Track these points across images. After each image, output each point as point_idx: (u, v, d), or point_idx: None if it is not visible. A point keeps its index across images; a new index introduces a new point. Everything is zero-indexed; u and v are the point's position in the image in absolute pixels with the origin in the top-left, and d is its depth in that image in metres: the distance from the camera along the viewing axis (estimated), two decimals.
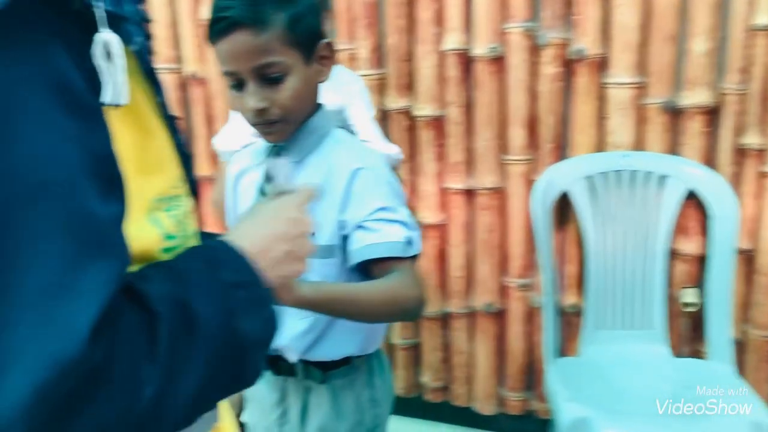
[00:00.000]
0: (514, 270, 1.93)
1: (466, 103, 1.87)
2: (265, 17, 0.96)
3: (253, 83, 0.98)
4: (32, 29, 0.45)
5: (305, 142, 1.07)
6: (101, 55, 0.49)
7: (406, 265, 1.02)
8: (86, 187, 0.46)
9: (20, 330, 0.43)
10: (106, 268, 0.47)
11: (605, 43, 1.71)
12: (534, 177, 1.84)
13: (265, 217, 0.69)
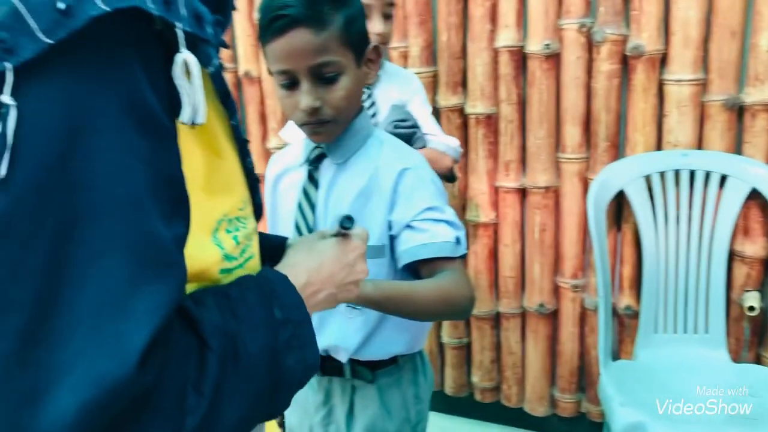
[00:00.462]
0: (567, 270, 1.90)
1: (520, 100, 1.84)
2: (324, 16, 0.96)
3: (307, 82, 0.99)
4: (111, 47, 0.45)
5: (349, 144, 1.07)
6: (181, 75, 0.49)
7: (456, 264, 1.03)
8: (151, 208, 0.46)
9: (71, 346, 0.42)
10: (163, 290, 0.46)
11: (665, 38, 1.66)
12: (589, 176, 1.80)
13: (326, 257, 0.71)
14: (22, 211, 0.42)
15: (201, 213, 0.53)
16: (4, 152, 0.41)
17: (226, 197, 0.58)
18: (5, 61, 0.40)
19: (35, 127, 0.42)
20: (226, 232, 0.57)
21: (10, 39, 0.40)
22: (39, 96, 0.42)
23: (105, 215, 0.44)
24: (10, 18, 0.41)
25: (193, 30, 0.49)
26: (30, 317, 0.42)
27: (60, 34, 0.41)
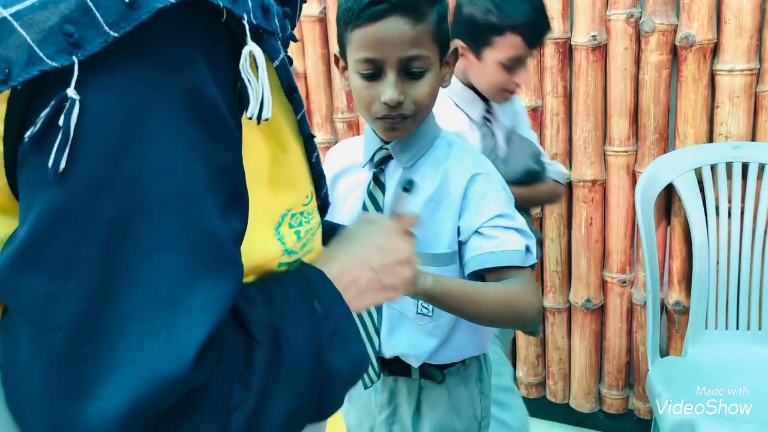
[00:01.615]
0: (614, 265, 1.87)
1: (566, 93, 1.82)
2: (421, 8, 0.93)
3: (393, 74, 0.95)
4: (175, 40, 0.44)
5: (417, 146, 1.04)
6: (248, 69, 0.48)
7: (525, 273, 0.99)
8: (209, 203, 0.45)
9: (123, 342, 0.42)
10: (220, 287, 0.45)
11: (716, 27, 1.62)
12: (637, 169, 1.77)
13: (356, 245, 0.67)
14: (79, 205, 0.42)
15: (264, 207, 0.52)
16: (66, 146, 0.41)
17: (291, 192, 0.57)
18: (72, 55, 0.40)
19: (96, 121, 0.41)
20: (289, 227, 0.57)
21: (77, 32, 0.40)
22: (101, 89, 0.42)
23: (162, 210, 0.43)
24: (77, 11, 0.40)
25: (259, 22, 0.48)
26: (83, 311, 0.42)
27: (125, 27, 0.41)
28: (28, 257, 0.42)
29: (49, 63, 0.40)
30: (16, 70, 0.41)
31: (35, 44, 0.40)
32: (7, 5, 0.41)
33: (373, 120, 1.01)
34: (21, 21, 0.40)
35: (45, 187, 0.42)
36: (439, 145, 1.05)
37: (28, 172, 0.43)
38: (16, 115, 0.43)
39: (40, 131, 0.41)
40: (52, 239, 0.42)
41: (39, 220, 0.42)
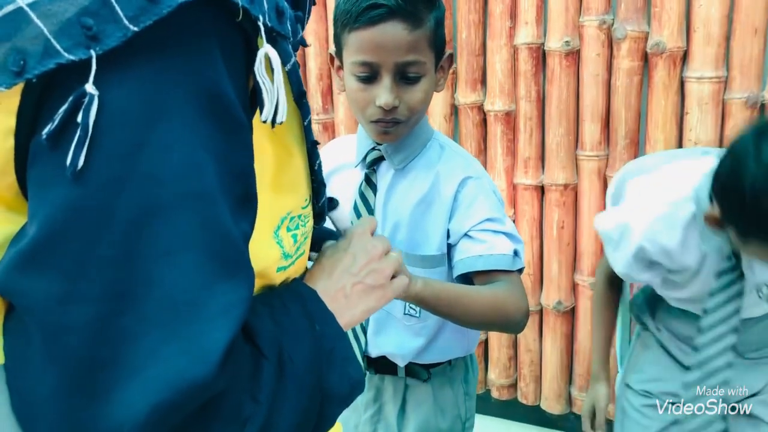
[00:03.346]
0: (585, 268, 1.89)
1: (539, 97, 1.84)
2: (420, 14, 0.93)
3: (389, 78, 0.95)
4: (194, 36, 0.43)
5: (410, 148, 1.05)
6: (263, 71, 0.47)
7: (513, 277, 1.00)
8: (223, 204, 0.44)
9: (143, 344, 0.41)
10: (237, 289, 0.44)
11: (686, 35, 1.65)
12: (608, 173, 1.80)
13: (332, 258, 0.67)
14: (95, 203, 0.40)
15: (267, 210, 0.52)
16: (85, 143, 0.39)
17: (292, 195, 0.57)
18: (90, 48, 0.39)
19: (113, 117, 0.40)
20: (287, 230, 0.56)
21: (96, 26, 0.39)
22: (118, 85, 0.40)
23: (178, 209, 0.42)
24: (96, 4, 0.39)
25: (273, 25, 0.47)
26: (99, 312, 0.40)
27: (145, 22, 0.40)
28: (40, 256, 0.41)
29: (66, 56, 0.39)
30: (31, 62, 0.39)
31: (52, 36, 0.39)
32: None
33: (366, 122, 1.00)
34: (38, 12, 0.39)
35: (59, 184, 0.40)
36: (432, 147, 1.06)
37: (41, 168, 0.42)
38: (29, 109, 0.42)
39: (57, 127, 0.40)
40: (66, 238, 0.40)
41: (52, 217, 0.40)
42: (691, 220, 1.08)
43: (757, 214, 0.92)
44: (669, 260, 1.12)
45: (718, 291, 1.10)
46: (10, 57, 0.39)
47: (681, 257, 1.11)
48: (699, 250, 1.10)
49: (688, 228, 1.08)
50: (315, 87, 2.08)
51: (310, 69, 2.06)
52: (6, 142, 0.42)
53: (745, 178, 0.91)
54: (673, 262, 1.13)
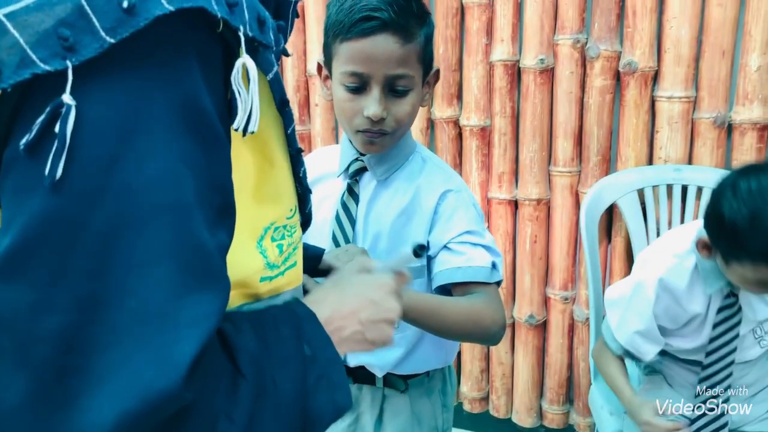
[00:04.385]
0: (557, 282, 1.92)
1: (514, 113, 1.87)
2: (411, 29, 0.95)
3: (378, 90, 0.96)
4: (172, 48, 0.43)
5: (393, 160, 1.06)
6: (239, 81, 0.47)
7: (491, 289, 1.01)
8: (199, 216, 0.44)
9: (112, 354, 0.41)
10: (209, 301, 0.44)
11: (657, 56, 1.70)
12: (580, 189, 1.83)
13: (350, 293, 0.66)
14: (70, 213, 0.41)
15: (248, 220, 0.52)
16: (63, 153, 0.40)
17: (275, 205, 0.57)
18: (67, 59, 0.39)
19: (89, 128, 0.40)
20: (272, 240, 0.56)
21: (72, 37, 0.39)
22: (95, 96, 0.41)
23: (152, 221, 0.42)
24: (73, 15, 0.40)
25: (255, 35, 0.47)
26: (70, 322, 0.41)
27: (122, 34, 0.40)
28: (13, 265, 0.41)
29: (42, 66, 0.39)
30: (6, 72, 0.39)
31: (28, 47, 0.39)
32: (0, 5, 0.39)
33: (353, 132, 1.01)
34: (15, 22, 0.39)
35: (35, 194, 0.40)
36: (414, 160, 1.07)
37: (17, 177, 0.41)
38: (4, 118, 0.42)
39: (35, 138, 0.40)
40: (40, 247, 0.40)
41: (27, 227, 0.40)
42: (695, 269, 1.28)
43: (735, 236, 1.11)
44: (680, 308, 1.30)
45: (719, 323, 1.29)
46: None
47: (689, 304, 1.29)
48: (704, 295, 1.28)
49: (693, 276, 1.28)
50: (292, 98, 2.07)
51: (287, 80, 2.06)
52: None
53: (724, 206, 1.12)
54: (684, 311, 1.30)
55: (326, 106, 2.04)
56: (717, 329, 1.30)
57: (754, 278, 1.15)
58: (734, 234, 1.12)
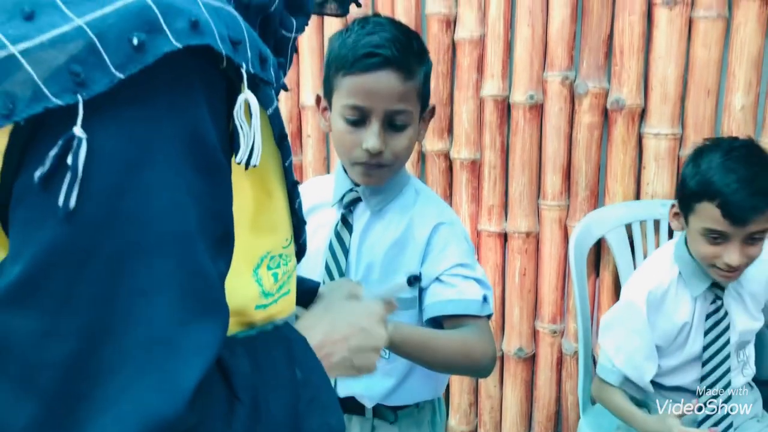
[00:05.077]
0: (546, 315, 1.93)
1: (503, 147, 1.90)
2: (412, 66, 0.98)
3: (378, 124, 0.99)
4: (178, 82, 0.45)
5: (387, 191, 1.08)
6: (241, 116, 0.49)
7: (482, 322, 1.03)
8: (201, 245, 0.46)
9: (116, 380, 0.42)
10: (211, 328, 0.46)
11: (644, 94, 1.74)
12: (569, 223, 1.85)
13: (340, 319, 0.69)
14: (78, 243, 0.42)
15: (245, 249, 0.53)
16: (75, 185, 0.41)
17: (271, 235, 0.58)
18: (78, 93, 0.41)
19: (99, 160, 0.42)
20: (267, 269, 0.57)
21: (83, 72, 0.41)
22: (104, 129, 0.42)
23: (157, 251, 0.43)
24: (85, 52, 0.41)
25: (256, 71, 0.49)
26: (76, 349, 0.42)
27: (132, 69, 0.41)
28: (23, 294, 0.42)
29: (54, 101, 0.40)
30: (20, 105, 0.41)
31: (41, 82, 0.41)
32: (15, 41, 0.41)
33: (351, 164, 1.04)
34: (29, 58, 0.41)
35: (47, 224, 0.42)
36: (407, 191, 1.10)
37: (28, 208, 0.43)
38: (16, 150, 0.43)
39: (48, 169, 0.41)
40: (49, 276, 0.42)
41: (38, 256, 0.42)
42: (679, 277, 1.37)
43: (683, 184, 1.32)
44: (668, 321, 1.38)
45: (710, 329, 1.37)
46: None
47: (676, 313, 1.37)
48: (690, 300, 1.37)
49: (678, 283, 1.37)
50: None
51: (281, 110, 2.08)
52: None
53: (685, 169, 1.34)
54: (672, 323, 1.38)
55: (318, 137, 2.06)
56: (708, 336, 1.35)
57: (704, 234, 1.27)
58: (683, 182, 1.33)
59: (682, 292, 1.37)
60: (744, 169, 1.24)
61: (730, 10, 1.65)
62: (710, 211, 1.24)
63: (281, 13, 0.58)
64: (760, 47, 1.63)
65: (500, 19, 1.82)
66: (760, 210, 1.22)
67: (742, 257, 1.25)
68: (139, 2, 0.42)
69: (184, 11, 0.43)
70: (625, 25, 1.70)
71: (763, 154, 1.31)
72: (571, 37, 1.77)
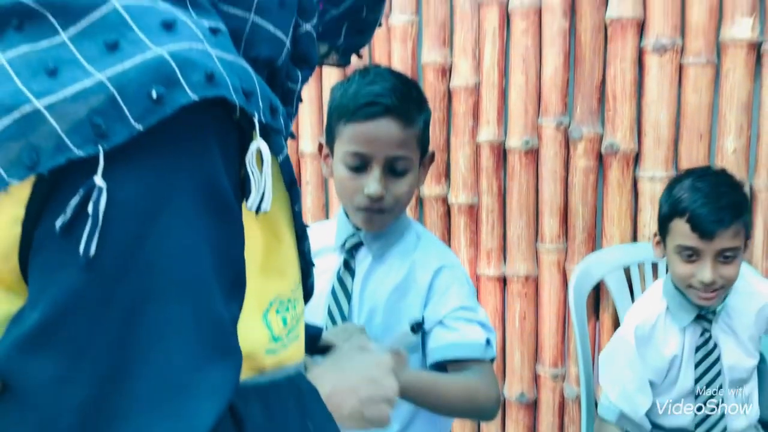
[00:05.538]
0: (547, 359, 1.92)
1: (500, 192, 1.92)
2: (411, 114, 1.01)
3: (379, 170, 1.01)
4: (194, 132, 0.46)
5: (388, 235, 1.10)
6: (253, 163, 0.50)
7: (485, 366, 1.03)
8: (215, 289, 0.47)
9: (134, 423, 0.43)
10: (226, 372, 0.47)
11: (637, 138, 1.77)
12: (567, 266, 1.86)
13: (349, 371, 0.69)
14: (96, 289, 0.43)
15: (254, 294, 0.54)
16: (96, 233, 0.42)
17: (281, 279, 0.59)
18: (99, 144, 0.42)
19: (118, 208, 0.43)
20: (276, 313, 0.58)
21: (104, 124, 0.42)
22: (124, 178, 0.43)
23: (173, 296, 0.44)
24: (106, 105, 0.42)
25: (268, 121, 0.51)
26: (93, 394, 0.42)
27: (150, 121, 0.43)
28: (41, 339, 0.42)
29: (76, 152, 0.42)
30: (44, 157, 0.42)
31: (64, 134, 0.42)
32: (40, 96, 0.43)
33: (353, 210, 1.06)
34: (53, 112, 0.42)
35: (65, 272, 0.43)
36: (409, 236, 1.11)
37: (49, 255, 0.44)
38: (38, 199, 0.44)
39: (69, 218, 0.43)
40: (67, 322, 0.42)
41: (56, 302, 0.43)
42: (666, 311, 1.41)
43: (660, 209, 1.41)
44: (658, 354, 1.40)
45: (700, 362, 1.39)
46: (24, 152, 0.42)
47: (666, 347, 1.39)
48: (679, 333, 1.40)
49: (665, 317, 1.41)
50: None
51: None
52: (13, 230, 0.45)
53: (661, 198, 1.43)
54: (662, 357, 1.40)
55: (317, 184, 2.08)
56: (699, 368, 1.39)
57: (678, 252, 1.33)
58: (659, 209, 1.42)
59: (670, 326, 1.41)
60: (711, 188, 1.34)
61: (718, 56, 1.69)
62: (681, 227, 1.33)
63: (287, 66, 0.60)
64: (749, 92, 1.67)
65: (494, 67, 1.86)
66: (726, 223, 1.29)
67: (714, 274, 1.30)
68: (157, 57, 0.44)
69: (199, 65, 0.45)
70: (616, 72, 1.75)
71: (732, 179, 1.40)
72: (565, 83, 1.81)
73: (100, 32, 0.44)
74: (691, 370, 1.39)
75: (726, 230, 1.29)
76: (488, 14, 1.84)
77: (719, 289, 1.33)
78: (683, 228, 1.32)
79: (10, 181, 0.43)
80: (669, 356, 1.40)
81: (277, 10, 0.56)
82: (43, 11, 0.44)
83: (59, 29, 0.44)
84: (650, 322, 1.42)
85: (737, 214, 1.31)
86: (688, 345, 1.40)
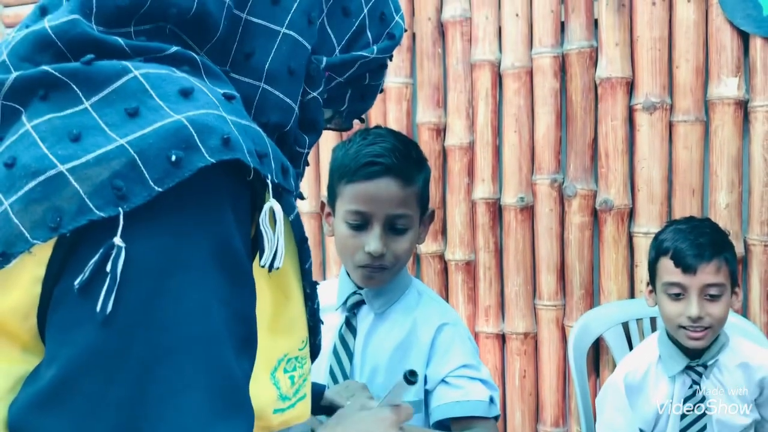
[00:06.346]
0: (548, 418, 1.89)
1: (497, 248, 1.93)
2: (411, 174, 1.03)
3: (380, 228, 1.03)
4: (209, 193, 0.48)
5: (390, 294, 1.10)
6: (266, 223, 0.52)
7: (489, 424, 1.03)
8: (227, 345, 0.48)
9: None
10: (239, 427, 0.47)
11: (631, 194, 1.79)
12: (566, 323, 1.85)
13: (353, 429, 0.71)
14: (112, 345, 0.43)
15: (264, 351, 0.54)
16: (113, 291, 0.43)
17: (289, 337, 0.60)
18: (119, 206, 0.43)
19: (134, 267, 0.44)
20: (284, 372, 0.58)
21: (125, 187, 0.43)
22: (141, 238, 0.44)
23: (185, 353, 0.45)
24: (127, 168, 0.44)
25: (279, 181, 0.52)
26: None
27: (169, 183, 0.44)
28: (56, 397, 0.43)
29: (98, 213, 0.43)
30: (66, 218, 0.43)
31: (86, 196, 0.43)
32: (64, 160, 0.44)
33: (353, 267, 1.06)
34: (76, 176, 0.44)
35: (82, 328, 0.43)
36: (410, 293, 1.11)
37: (66, 312, 0.44)
38: (58, 259, 0.45)
39: (88, 276, 0.43)
40: (83, 379, 0.43)
41: (72, 359, 0.43)
42: (658, 360, 1.43)
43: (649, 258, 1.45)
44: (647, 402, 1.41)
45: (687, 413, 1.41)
46: (48, 214, 0.43)
47: (655, 395, 1.41)
48: (668, 382, 1.42)
49: (656, 367, 1.43)
50: None
51: None
52: (34, 289, 0.46)
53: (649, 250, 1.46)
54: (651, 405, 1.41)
55: (313, 243, 2.09)
56: (685, 420, 1.41)
57: (665, 291, 1.37)
58: (648, 258, 1.46)
59: (660, 374, 1.43)
60: (692, 228, 1.40)
61: (707, 113, 1.73)
62: (666, 264, 1.38)
63: (295, 131, 0.62)
64: (739, 148, 1.71)
65: (488, 126, 1.90)
66: (707, 257, 1.33)
67: (701, 311, 1.32)
68: (176, 122, 0.45)
69: (216, 129, 0.47)
70: (608, 130, 1.78)
71: (714, 224, 1.46)
72: (557, 141, 1.84)
73: (122, 100, 0.46)
74: (677, 420, 1.41)
75: (707, 264, 1.34)
76: (481, 75, 1.89)
77: (708, 329, 1.35)
78: (668, 265, 1.38)
79: (34, 242, 0.43)
80: (657, 405, 1.42)
81: (286, 79, 0.58)
82: (67, 81, 0.46)
83: (82, 98, 0.46)
84: (641, 370, 1.44)
85: (718, 250, 1.36)
86: (677, 395, 1.41)
